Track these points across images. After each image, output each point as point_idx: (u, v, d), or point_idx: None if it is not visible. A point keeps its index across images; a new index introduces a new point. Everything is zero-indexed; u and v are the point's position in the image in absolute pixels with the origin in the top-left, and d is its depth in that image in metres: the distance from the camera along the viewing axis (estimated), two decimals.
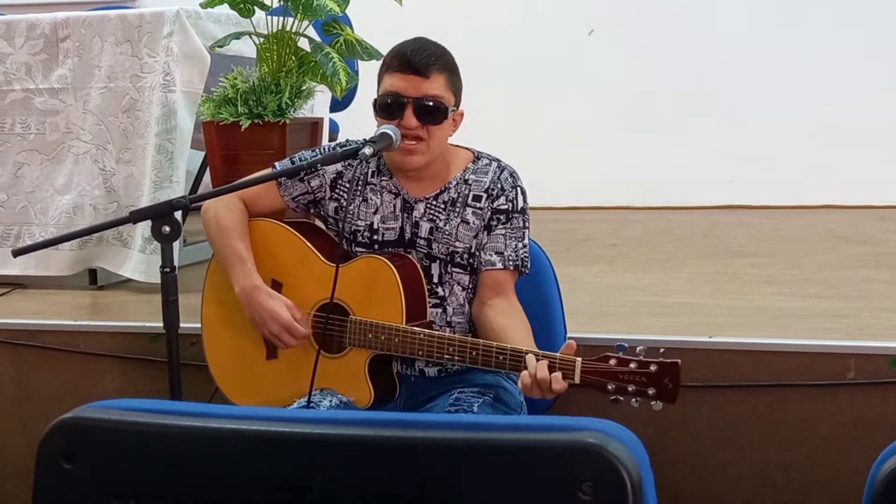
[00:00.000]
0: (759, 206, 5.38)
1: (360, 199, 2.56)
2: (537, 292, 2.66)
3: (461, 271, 2.52)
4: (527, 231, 2.55)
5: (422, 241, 2.52)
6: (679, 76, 5.53)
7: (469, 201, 2.52)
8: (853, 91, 5.30)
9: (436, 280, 2.52)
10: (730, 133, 5.43)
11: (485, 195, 2.52)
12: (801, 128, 5.36)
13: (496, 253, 2.50)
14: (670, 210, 5.43)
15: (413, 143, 2.44)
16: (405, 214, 2.53)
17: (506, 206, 2.52)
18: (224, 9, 3.54)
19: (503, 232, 2.51)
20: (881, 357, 2.73)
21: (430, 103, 2.43)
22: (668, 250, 4.38)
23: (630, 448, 1.18)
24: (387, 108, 2.45)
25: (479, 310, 2.50)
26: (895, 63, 5.31)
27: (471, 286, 2.54)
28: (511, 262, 2.51)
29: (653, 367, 2.13)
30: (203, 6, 3.55)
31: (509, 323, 2.42)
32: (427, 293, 2.49)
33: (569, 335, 2.65)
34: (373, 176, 2.56)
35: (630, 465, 1.16)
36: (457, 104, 2.50)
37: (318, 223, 2.68)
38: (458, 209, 2.52)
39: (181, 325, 2.47)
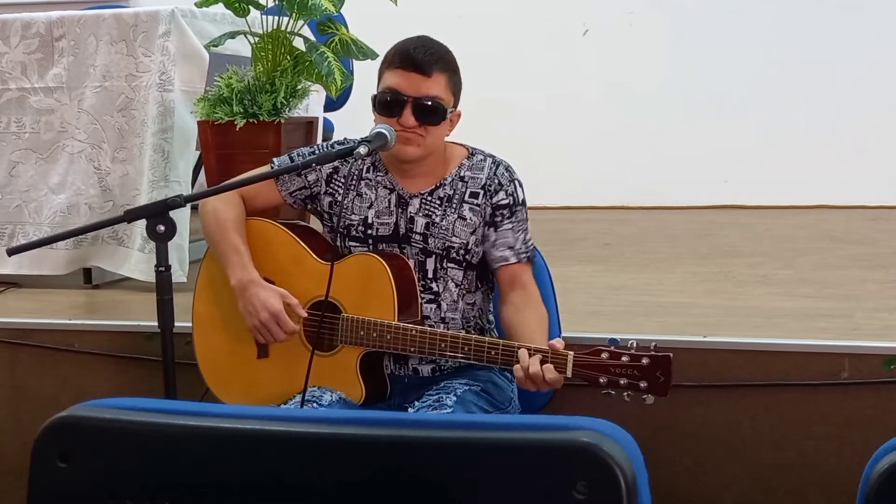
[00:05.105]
0: (754, 206, 5.39)
1: (355, 193, 2.56)
2: None
3: (456, 267, 2.53)
4: (528, 221, 2.57)
5: (417, 237, 2.52)
6: (673, 76, 5.54)
7: (466, 198, 2.52)
8: (847, 92, 5.31)
9: (430, 275, 2.52)
10: (724, 133, 5.43)
11: (482, 192, 2.52)
12: (794, 128, 5.36)
13: (508, 248, 2.52)
14: (665, 210, 5.43)
15: (411, 134, 2.44)
16: (399, 210, 2.53)
17: (507, 201, 2.53)
18: (219, 8, 3.53)
19: (510, 226, 2.52)
20: (875, 357, 2.73)
21: (430, 103, 2.43)
22: (663, 250, 4.38)
23: (624, 448, 1.19)
24: (386, 105, 2.45)
25: (501, 309, 2.52)
26: (888, 64, 5.32)
27: (464, 283, 2.54)
28: (523, 255, 2.53)
29: (644, 361, 2.14)
30: (198, 5, 3.54)
31: (521, 318, 2.44)
32: (421, 290, 2.49)
33: (563, 335, 2.64)
34: (368, 171, 2.57)
35: (624, 465, 1.16)
36: (455, 104, 2.51)
37: (313, 225, 2.68)
38: (454, 205, 2.52)
39: (176, 323, 2.47)
